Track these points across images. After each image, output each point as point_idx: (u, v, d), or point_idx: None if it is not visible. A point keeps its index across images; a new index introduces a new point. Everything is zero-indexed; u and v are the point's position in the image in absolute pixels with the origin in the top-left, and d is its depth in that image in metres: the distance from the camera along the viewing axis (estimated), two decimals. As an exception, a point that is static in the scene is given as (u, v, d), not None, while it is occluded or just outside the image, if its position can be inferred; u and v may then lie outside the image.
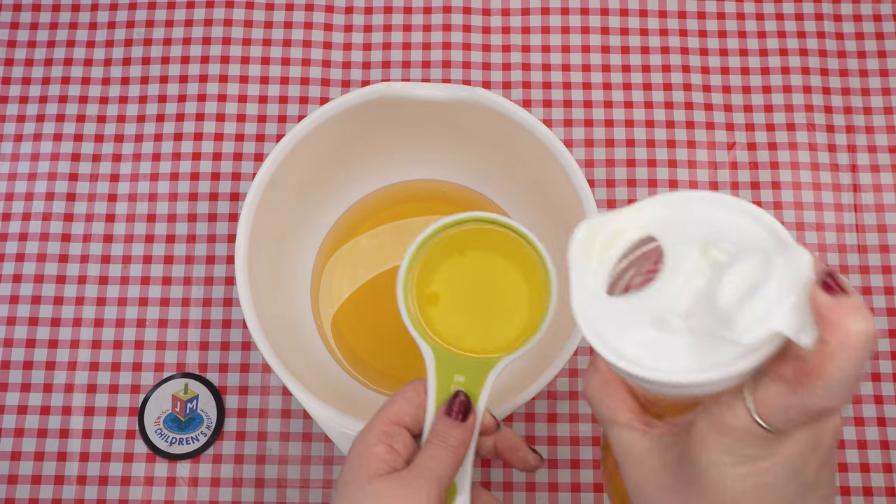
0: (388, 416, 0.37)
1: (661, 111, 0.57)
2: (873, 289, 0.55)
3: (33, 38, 0.59)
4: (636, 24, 0.59)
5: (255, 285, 0.45)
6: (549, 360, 0.44)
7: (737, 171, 0.56)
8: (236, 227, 0.46)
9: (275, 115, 0.58)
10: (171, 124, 0.57)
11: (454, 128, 0.50)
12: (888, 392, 0.53)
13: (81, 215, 0.56)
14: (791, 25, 0.59)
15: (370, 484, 0.34)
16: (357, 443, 0.36)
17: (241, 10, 0.59)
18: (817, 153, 0.57)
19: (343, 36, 0.59)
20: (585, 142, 0.57)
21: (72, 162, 0.57)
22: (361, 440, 0.36)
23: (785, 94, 0.58)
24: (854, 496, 0.51)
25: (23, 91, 0.58)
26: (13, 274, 0.55)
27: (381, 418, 0.37)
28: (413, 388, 0.38)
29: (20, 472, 0.52)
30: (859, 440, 0.52)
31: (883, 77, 0.58)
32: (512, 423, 0.52)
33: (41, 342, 0.54)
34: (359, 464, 0.35)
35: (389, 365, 0.52)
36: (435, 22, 0.59)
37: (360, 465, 0.35)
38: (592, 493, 0.51)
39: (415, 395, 0.37)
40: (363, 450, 0.35)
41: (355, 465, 0.35)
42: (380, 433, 0.36)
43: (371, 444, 0.36)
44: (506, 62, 0.58)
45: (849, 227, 0.56)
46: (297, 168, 0.48)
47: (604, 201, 0.56)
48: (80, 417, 0.53)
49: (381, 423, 0.36)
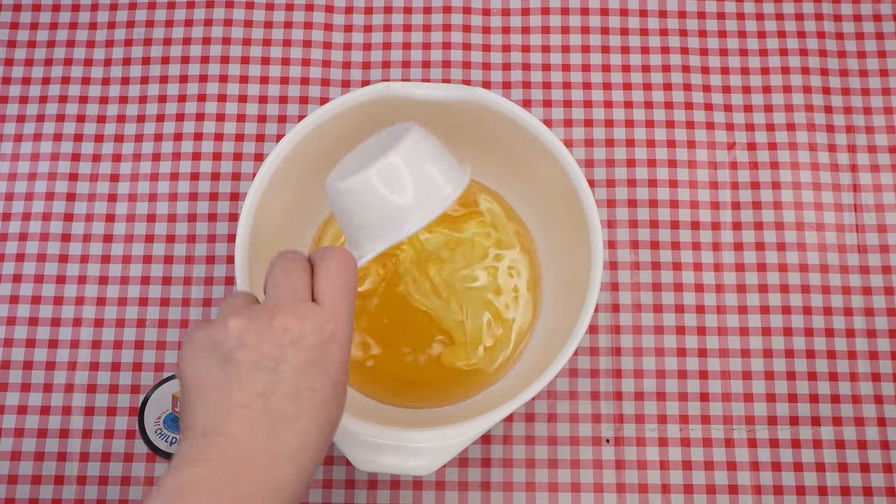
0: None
1: (661, 111, 0.57)
2: (873, 289, 0.55)
3: (33, 38, 0.59)
4: (636, 24, 0.59)
5: (255, 285, 0.45)
6: (549, 360, 0.44)
7: (737, 171, 0.56)
8: (236, 227, 0.46)
9: (275, 115, 0.58)
10: (171, 124, 0.57)
11: (454, 128, 0.50)
12: (888, 392, 0.53)
13: (81, 215, 0.56)
14: (791, 25, 0.59)
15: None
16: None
17: (241, 10, 0.59)
18: (817, 153, 0.57)
19: (343, 36, 0.59)
20: (585, 142, 0.57)
21: (72, 162, 0.57)
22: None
23: (785, 94, 0.58)
24: (854, 496, 0.51)
25: (23, 91, 0.58)
26: (13, 274, 0.55)
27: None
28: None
29: (20, 472, 0.52)
30: (859, 440, 0.52)
31: (883, 77, 0.58)
32: (512, 423, 0.52)
33: (41, 342, 0.54)
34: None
35: (387, 364, 0.52)
36: (435, 22, 0.59)
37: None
38: (592, 493, 0.51)
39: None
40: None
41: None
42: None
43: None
44: (506, 62, 0.58)
45: (849, 227, 0.56)
46: (297, 168, 0.47)
47: (604, 201, 0.56)
48: (80, 417, 0.53)
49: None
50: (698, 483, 0.52)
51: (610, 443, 0.52)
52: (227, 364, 0.33)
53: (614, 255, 0.55)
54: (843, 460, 0.52)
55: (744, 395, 0.53)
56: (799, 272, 0.55)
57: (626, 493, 0.52)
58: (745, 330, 0.54)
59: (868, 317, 0.54)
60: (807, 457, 0.52)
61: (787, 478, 0.52)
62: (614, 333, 0.54)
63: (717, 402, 0.53)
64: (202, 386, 0.33)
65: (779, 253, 0.55)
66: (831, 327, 0.54)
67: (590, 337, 0.54)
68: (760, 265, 0.55)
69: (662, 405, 0.53)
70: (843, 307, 0.54)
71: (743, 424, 0.53)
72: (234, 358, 0.33)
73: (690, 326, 0.54)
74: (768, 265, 0.55)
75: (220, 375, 0.33)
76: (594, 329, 0.54)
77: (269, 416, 0.32)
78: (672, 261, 0.55)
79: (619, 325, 0.54)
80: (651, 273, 0.55)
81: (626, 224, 0.55)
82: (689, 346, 0.54)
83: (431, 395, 0.51)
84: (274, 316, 0.33)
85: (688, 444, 0.52)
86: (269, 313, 0.33)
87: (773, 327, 0.54)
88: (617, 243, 0.55)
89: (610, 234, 0.55)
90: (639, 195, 0.56)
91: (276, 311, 0.33)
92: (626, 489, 0.52)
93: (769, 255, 0.55)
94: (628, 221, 0.56)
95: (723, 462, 0.52)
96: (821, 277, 0.55)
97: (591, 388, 0.53)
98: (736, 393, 0.53)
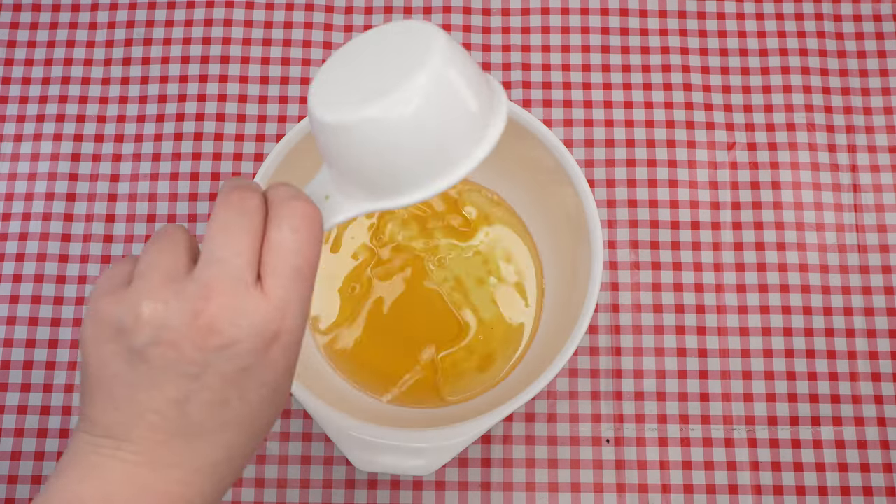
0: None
1: (661, 111, 0.57)
2: (873, 289, 0.55)
3: (33, 38, 0.59)
4: (636, 24, 0.59)
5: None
6: (549, 360, 0.44)
7: (737, 171, 0.56)
8: (236, 227, 0.45)
9: (275, 115, 0.58)
10: (171, 124, 0.57)
11: (454, 128, 0.50)
12: (888, 392, 0.53)
13: (81, 215, 0.56)
14: (791, 25, 0.59)
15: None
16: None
17: (241, 10, 0.59)
18: (817, 153, 0.57)
19: (343, 36, 0.59)
20: (585, 142, 0.57)
21: (72, 162, 0.57)
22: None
23: (785, 94, 0.58)
24: (854, 496, 0.51)
25: (23, 91, 0.58)
26: (13, 274, 0.55)
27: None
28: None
29: (20, 472, 0.52)
30: (859, 440, 0.52)
31: (883, 77, 0.58)
32: (512, 423, 0.52)
33: (41, 342, 0.54)
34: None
35: (386, 363, 0.52)
36: (435, 22, 0.59)
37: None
38: (592, 493, 0.51)
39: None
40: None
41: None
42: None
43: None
44: (506, 62, 0.58)
45: (849, 227, 0.56)
46: (297, 168, 0.47)
47: (604, 201, 0.56)
48: (80, 417, 0.53)
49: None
50: (698, 483, 0.52)
51: (610, 443, 0.52)
52: (137, 360, 0.27)
53: (614, 255, 0.55)
54: (843, 460, 0.52)
55: (744, 395, 0.53)
56: (799, 272, 0.55)
57: (626, 493, 0.52)
58: (745, 330, 0.54)
59: (868, 317, 0.54)
60: (807, 457, 0.52)
61: (787, 478, 0.52)
62: (614, 333, 0.54)
63: (717, 402, 0.53)
64: (105, 377, 0.27)
65: (779, 253, 0.55)
66: (831, 327, 0.54)
67: (590, 337, 0.54)
68: (760, 265, 0.55)
69: (662, 405, 0.53)
70: (843, 307, 0.54)
71: (743, 424, 0.53)
72: (145, 354, 0.27)
73: (690, 326, 0.54)
74: (768, 265, 0.55)
75: (127, 370, 0.27)
76: (594, 329, 0.54)
77: (186, 427, 0.27)
78: (672, 261, 0.55)
79: (619, 325, 0.54)
80: (651, 273, 0.55)
81: (626, 224, 0.55)
82: (689, 346, 0.54)
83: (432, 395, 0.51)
84: (201, 311, 0.26)
85: (688, 444, 0.52)
86: (194, 305, 0.27)
87: (773, 327, 0.54)
88: (617, 243, 0.55)
89: (610, 234, 0.55)
90: (639, 195, 0.56)
91: (205, 302, 0.27)
92: (626, 489, 0.52)
93: (769, 255, 0.55)
94: (628, 221, 0.56)
95: (723, 462, 0.52)
96: (821, 277, 0.55)
97: (591, 388, 0.53)
98: (736, 393, 0.53)
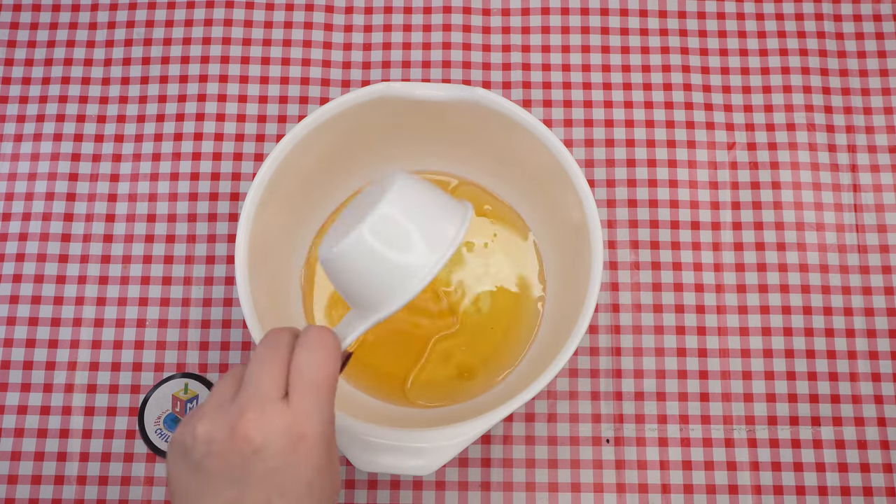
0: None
1: (661, 111, 0.57)
2: (873, 289, 0.55)
3: (33, 38, 0.59)
4: (636, 24, 0.59)
5: (255, 285, 0.45)
6: (549, 360, 0.44)
7: (737, 171, 0.56)
8: (236, 227, 0.46)
9: (275, 115, 0.58)
10: (171, 124, 0.57)
11: (454, 128, 0.50)
12: (888, 392, 0.53)
13: (81, 215, 0.56)
14: (791, 25, 0.59)
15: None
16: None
17: (241, 10, 0.59)
18: (817, 153, 0.57)
19: (343, 36, 0.59)
20: (585, 142, 0.57)
21: (72, 162, 0.57)
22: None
23: (785, 94, 0.58)
24: (854, 496, 0.51)
25: (23, 91, 0.58)
26: (13, 274, 0.55)
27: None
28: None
29: (20, 472, 0.52)
30: (859, 440, 0.52)
31: (883, 77, 0.58)
32: (512, 423, 0.52)
33: (41, 342, 0.54)
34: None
35: (386, 363, 0.52)
36: (435, 22, 0.59)
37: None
38: (592, 493, 0.51)
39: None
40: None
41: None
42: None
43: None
44: (506, 62, 0.58)
45: (849, 227, 0.56)
46: (296, 168, 0.47)
47: (604, 201, 0.56)
48: (80, 417, 0.53)
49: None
50: (698, 483, 0.52)
51: (610, 443, 0.52)
52: (198, 472, 0.33)
53: (614, 255, 0.55)
54: (843, 460, 0.52)
55: (744, 395, 0.53)
56: (799, 272, 0.55)
57: (626, 493, 0.52)
58: (745, 330, 0.54)
59: (868, 317, 0.54)
60: (807, 457, 0.52)
61: (787, 478, 0.52)
62: (614, 333, 0.54)
63: (717, 402, 0.53)
64: (182, 489, 0.34)
65: (779, 253, 0.55)
66: (831, 327, 0.54)
67: (590, 337, 0.54)
68: (760, 265, 0.55)
69: (662, 405, 0.53)
70: (843, 307, 0.54)
71: (743, 424, 0.53)
72: (203, 466, 0.33)
73: (690, 326, 0.54)
74: (768, 265, 0.55)
75: (193, 481, 0.33)
76: (594, 329, 0.54)
77: None
78: (672, 261, 0.55)
79: (619, 325, 0.54)
80: (651, 273, 0.55)
81: (626, 224, 0.55)
82: (689, 346, 0.54)
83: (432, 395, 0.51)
84: (236, 424, 0.33)
85: (688, 444, 0.52)
86: (232, 421, 0.33)
87: (773, 327, 0.54)
88: (617, 243, 0.55)
89: (610, 234, 0.55)
90: (639, 195, 0.56)
91: (239, 417, 0.33)
92: (626, 489, 0.52)
93: (769, 255, 0.55)
94: (628, 221, 0.56)
95: (723, 462, 0.52)
96: (821, 277, 0.55)
97: (591, 388, 0.53)
98: (736, 393, 0.53)
